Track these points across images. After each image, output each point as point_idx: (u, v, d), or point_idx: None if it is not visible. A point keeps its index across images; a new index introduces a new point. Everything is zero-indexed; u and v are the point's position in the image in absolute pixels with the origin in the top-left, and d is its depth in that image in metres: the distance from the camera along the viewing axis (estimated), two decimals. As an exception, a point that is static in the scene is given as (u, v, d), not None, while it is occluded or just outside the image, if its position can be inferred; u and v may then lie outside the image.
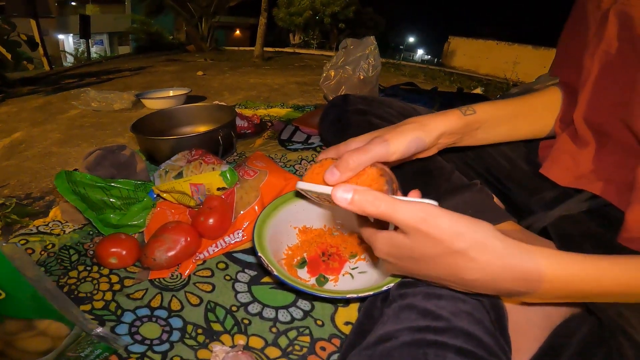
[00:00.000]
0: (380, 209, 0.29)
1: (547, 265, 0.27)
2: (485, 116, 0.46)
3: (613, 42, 0.39)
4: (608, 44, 0.39)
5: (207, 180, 0.66)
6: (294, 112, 1.59)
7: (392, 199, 0.29)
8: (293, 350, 0.48)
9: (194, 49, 6.00)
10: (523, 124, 0.49)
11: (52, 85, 2.39)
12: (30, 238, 0.68)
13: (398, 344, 0.31)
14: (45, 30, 5.78)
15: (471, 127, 0.46)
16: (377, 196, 0.29)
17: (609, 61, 0.40)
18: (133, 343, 0.49)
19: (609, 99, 0.40)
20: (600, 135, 0.41)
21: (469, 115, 0.45)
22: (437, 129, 0.44)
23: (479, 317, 0.33)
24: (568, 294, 0.29)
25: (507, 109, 0.48)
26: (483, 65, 11.44)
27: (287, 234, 0.60)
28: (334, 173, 0.37)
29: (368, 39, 1.61)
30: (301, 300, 0.56)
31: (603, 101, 0.41)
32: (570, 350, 0.32)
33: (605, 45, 0.40)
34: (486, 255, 0.27)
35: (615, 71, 0.39)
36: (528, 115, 0.49)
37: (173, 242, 0.59)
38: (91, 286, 0.58)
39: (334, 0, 13.52)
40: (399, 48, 22.32)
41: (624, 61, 0.38)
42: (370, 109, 0.68)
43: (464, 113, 0.45)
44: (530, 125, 0.49)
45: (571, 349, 0.32)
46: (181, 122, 1.16)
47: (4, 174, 1.00)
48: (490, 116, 0.47)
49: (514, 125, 0.49)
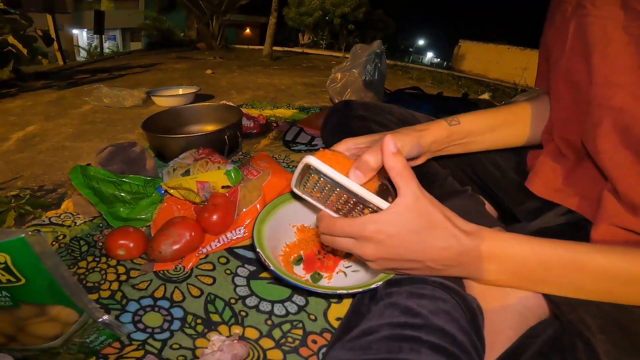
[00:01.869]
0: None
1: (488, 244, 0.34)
2: (469, 126, 0.50)
3: (571, 57, 0.39)
4: (567, 58, 0.40)
5: (212, 178, 0.69)
6: (299, 114, 1.62)
7: None
8: (286, 342, 0.51)
9: (204, 47, 6.06)
10: (505, 133, 0.53)
11: (65, 80, 2.45)
12: (43, 229, 0.72)
13: (378, 338, 0.33)
14: (60, 25, 5.89)
15: (456, 137, 0.50)
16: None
17: (568, 79, 0.40)
18: (135, 331, 0.52)
19: (574, 117, 0.41)
20: (578, 151, 0.42)
21: (454, 125, 0.49)
22: (428, 137, 0.48)
23: (456, 316, 0.36)
24: (515, 273, 0.35)
25: (489, 120, 0.51)
26: (493, 70, 11.37)
27: (285, 232, 0.63)
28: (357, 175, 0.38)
29: (375, 43, 1.63)
30: (296, 295, 0.59)
31: (571, 119, 0.42)
32: (532, 350, 0.34)
33: (565, 60, 0.40)
34: None
35: (575, 89, 0.40)
36: (510, 125, 0.52)
37: (178, 236, 0.62)
38: (99, 276, 0.61)
39: (344, 1, 13.53)
40: (408, 50, 22.22)
41: (580, 78, 0.38)
42: (370, 116, 0.70)
43: (449, 123, 0.49)
44: (512, 134, 0.53)
45: (533, 349, 0.34)
46: (189, 121, 1.19)
47: (18, 166, 1.04)
48: (474, 126, 0.50)
49: (498, 134, 0.52)
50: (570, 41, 0.39)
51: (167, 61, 3.82)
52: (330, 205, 0.42)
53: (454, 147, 0.52)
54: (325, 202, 0.42)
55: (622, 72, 0.33)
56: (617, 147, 0.34)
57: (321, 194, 0.41)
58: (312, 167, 0.39)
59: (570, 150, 0.44)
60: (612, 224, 0.35)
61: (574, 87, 0.40)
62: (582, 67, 0.37)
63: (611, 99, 0.34)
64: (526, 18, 34.88)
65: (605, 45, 0.34)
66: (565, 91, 0.41)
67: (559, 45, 0.41)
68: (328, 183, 0.39)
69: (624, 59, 0.33)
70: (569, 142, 0.44)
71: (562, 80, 0.41)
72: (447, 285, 0.39)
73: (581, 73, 0.38)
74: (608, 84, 0.34)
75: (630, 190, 0.34)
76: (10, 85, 2.13)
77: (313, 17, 13.69)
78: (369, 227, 0.36)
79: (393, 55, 16.93)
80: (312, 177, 0.40)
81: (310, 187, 0.42)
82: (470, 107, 1.84)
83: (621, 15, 0.33)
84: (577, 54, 0.38)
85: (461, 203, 0.55)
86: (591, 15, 0.36)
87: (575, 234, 0.42)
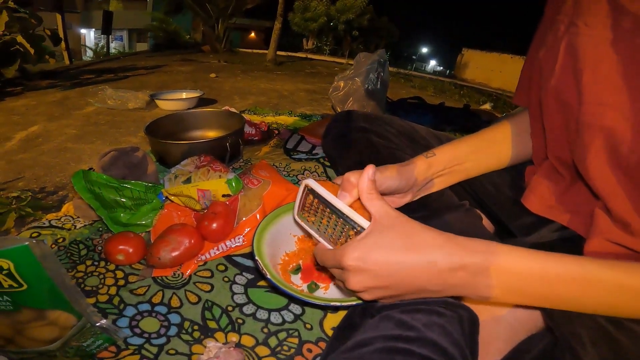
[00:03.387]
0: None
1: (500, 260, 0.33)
2: (444, 156, 0.52)
3: (562, 76, 0.39)
4: (558, 77, 0.40)
5: (213, 186, 0.70)
6: (300, 121, 1.63)
7: None
8: (281, 350, 0.52)
9: (209, 50, 6.11)
10: (485, 158, 0.54)
11: (70, 80, 2.46)
12: (42, 231, 0.73)
13: (372, 350, 0.34)
14: (68, 23, 5.94)
15: (436, 168, 0.52)
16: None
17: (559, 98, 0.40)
18: (132, 336, 0.52)
19: (564, 136, 0.42)
20: (571, 169, 0.43)
21: (430, 157, 0.52)
22: (409, 170, 0.50)
23: (450, 329, 0.36)
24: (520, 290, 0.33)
25: (464, 148, 0.53)
26: (495, 79, 11.41)
27: (286, 241, 0.64)
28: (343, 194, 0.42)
29: (378, 51, 1.65)
30: (293, 304, 0.59)
31: (561, 138, 0.43)
32: None
33: (555, 79, 0.40)
34: None
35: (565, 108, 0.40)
36: (487, 148, 0.54)
37: (178, 243, 0.63)
38: (97, 280, 0.62)
39: (349, 8, 13.64)
40: (411, 58, 22.33)
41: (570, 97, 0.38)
42: (371, 127, 0.70)
43: (426, 156, 0.52)
44: (492, 157, 0.54)
45: None
46: (192, 126, 1.21)
47: (20, 167, 1.05)
48: (450, 156, 0.53)
49: (478, 160, 0.54)
50: (561, 60, 0.39)
51: (172, 63, 3.85)
52: (322, 231, 0.44)
53: (439, 179, 0.54)
54: (319, 227, 0.44)
55: (612, 93, 0.33)
56: (606, 167, 0.34)
57: (315, 217, 0.43)
58: (308, 187, 0.42)
59: (564, 168, 0.44)
60: (604, 239, 0.36)
61: (564, 106, 0.40)
62: (572, 87, 0.37)
63: (601, 119, 0.34)
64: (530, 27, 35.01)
65: (596, 64, 0.34)
66: (555, 110, 0.42)
67: (549, 65, 0.41)
68: (321, 204, 0.41)
69: (614, 79, 0.33)
70: (561, 160, 0.44)
71: (552, 100, 0.41)
72: (447, 300, 0.39)
73: (571, 92, 0.38)
74: (598, 103, 0.34)
75: (621, 209, 0.34)
76: (16, 84, 2.15)
77: (318, 22, 13.79)
78: (352, 254, 0.35)
79: (396, 62, 17.01)
80: (309, 198, 0.43)
81: (307, 210, 0.44)
82: (472, 117, 1.85)
83: (611, 35, 0.33)
84: (568, 73, 0.38)
85: (458, 217, 0.55)
86: (583, 35, 0.36)
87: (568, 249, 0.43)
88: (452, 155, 0.53)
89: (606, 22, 0.33)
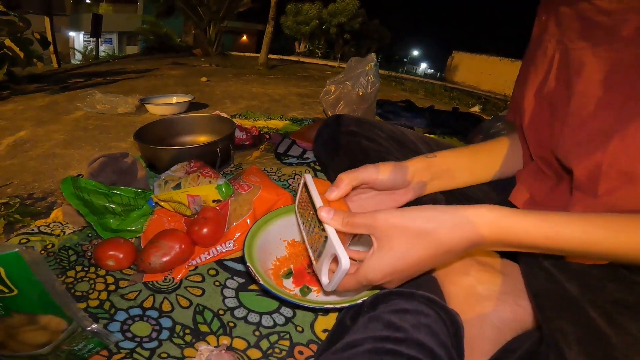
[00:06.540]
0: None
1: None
2: (444, 159, 0.55)
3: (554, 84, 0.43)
4: (549, 85, 0.44)
5: (203, 192, 0.70)
6: (291, 125, 1.64)
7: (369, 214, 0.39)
8: (273, 352, 0.52)
9: (201, 53, 6.09)
10: (480, 169, 0.57)
11: (58, 84, 2.43)
12: (31, 237, 0.72)
13: (361, 351, 0.35)
14: (57, 27, 5.87)
15: (436, 169, 0.54)
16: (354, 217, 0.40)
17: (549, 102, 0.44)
18: (124, 340, 0.52)
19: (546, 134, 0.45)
20: (555, 168, 0.45)
21: (430, 157, 0.54)
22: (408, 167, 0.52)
23: (437, 330, 0.38)
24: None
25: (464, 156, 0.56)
26: (484, 81, 11.55)
27: (276, 246, 0.64)
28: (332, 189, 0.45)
29: (370, 56, 1.67)
30: (284, 307, 0.60)
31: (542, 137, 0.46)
32: None
33: (547, 87, 0.44)
34: None
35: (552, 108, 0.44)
36: (484, 160, 0.57)
37: (168, 248, 0.63)
38: (87, 286, 0.62)
39: (341, 11, 13.71)
40: (402, 61, 22.51)
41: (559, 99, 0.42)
42: (361, 131, 0.72)
43: (426, 156, 0.54)
44: (486, 169, 0.57)
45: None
46: (182, 131, 1.20)
47: (8, 173, 1.04)
48: (449, 159, 0.55)
49: (473, 169, 0.56)
50: (555, 71, 0.43)
51: (163, 67, 3.82)
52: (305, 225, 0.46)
53: (436, 181, 0.55)
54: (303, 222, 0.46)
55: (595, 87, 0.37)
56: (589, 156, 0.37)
57: (306, 211, 0.46)
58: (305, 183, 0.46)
59: (548, 167, 0.47)
60: None
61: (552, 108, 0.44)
62: (562, 90, 0.42)
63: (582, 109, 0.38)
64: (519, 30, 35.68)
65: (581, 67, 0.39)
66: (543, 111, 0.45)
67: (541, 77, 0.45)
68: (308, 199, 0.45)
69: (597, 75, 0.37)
70: (545, 159, 0.46)
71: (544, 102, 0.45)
72: (433, 299, 0.41)
73: (561, 94, 0.42)
74: (582, 96, 0.38)
75: None
76: (3, 88, 2.12)
77: (310, 26, 13.85)
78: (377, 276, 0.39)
79: (388, 65, 17.13)
80: (304, 194, 0.47)
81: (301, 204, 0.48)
82: (460, 120, 1.88)
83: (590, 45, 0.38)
84: (561, 82, 0.42)
85: None
86: (570, 49, 0.41)
87: None
88: (451, 159, 0.55)
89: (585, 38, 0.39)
